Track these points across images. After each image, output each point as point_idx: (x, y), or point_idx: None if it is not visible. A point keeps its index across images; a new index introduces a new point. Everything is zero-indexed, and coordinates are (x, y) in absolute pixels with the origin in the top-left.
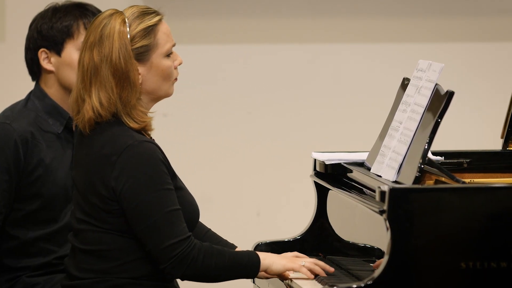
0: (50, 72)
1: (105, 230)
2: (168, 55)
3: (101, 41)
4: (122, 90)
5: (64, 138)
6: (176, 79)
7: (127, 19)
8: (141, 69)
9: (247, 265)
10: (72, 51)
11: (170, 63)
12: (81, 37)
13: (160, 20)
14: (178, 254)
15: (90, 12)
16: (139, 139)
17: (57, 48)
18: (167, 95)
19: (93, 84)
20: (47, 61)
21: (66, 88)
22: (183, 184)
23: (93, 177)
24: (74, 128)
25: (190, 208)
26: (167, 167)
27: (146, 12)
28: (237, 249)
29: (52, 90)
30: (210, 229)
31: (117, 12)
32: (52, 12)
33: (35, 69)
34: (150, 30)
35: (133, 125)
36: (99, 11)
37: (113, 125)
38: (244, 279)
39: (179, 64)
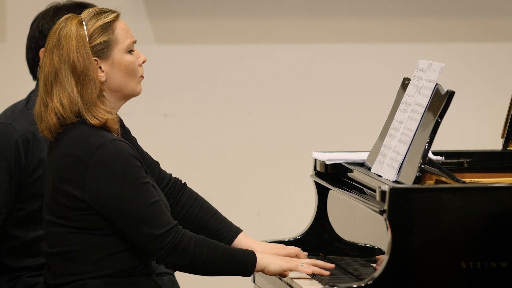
0: None
1: (74, 229)
2: (130, 51)
3: (59, 44)
4: (83, 87)
5: None
6: (142, 76)
7: (84, 20)
8: (104, 66)
9: (241, 261)
10: None
11: (132, 59)
12: None
13: (116, 17)
14: (169, 243)
15: None
16: (109, 138)
17: None
18: (135, 93)
19: (54, 87)
20: None
21: None
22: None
23: (63, 177)
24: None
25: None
26: (140, 162)
27: (102, 11)
28: (240, 235)
29: None
30: (217, 211)
31: (73, 15)
32: (53, 12)
33: (36, 69)
34: (108, 27)
35: (94, 122)
36: None
37: (78, 125)
38: (242, 277)
39: (143, 62)
